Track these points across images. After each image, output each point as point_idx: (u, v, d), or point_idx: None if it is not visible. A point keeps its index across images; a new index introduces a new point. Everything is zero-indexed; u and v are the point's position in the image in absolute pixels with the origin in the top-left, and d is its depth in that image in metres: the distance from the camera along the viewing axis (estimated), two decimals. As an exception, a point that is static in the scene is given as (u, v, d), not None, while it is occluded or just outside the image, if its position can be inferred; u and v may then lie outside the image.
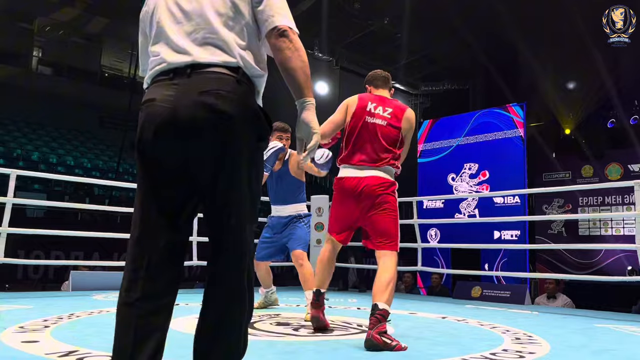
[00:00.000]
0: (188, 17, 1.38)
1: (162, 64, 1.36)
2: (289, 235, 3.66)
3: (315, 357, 2.16)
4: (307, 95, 1.45)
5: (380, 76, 2.93)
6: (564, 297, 5.88)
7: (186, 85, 1.30)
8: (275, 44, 1.39)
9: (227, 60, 1.33)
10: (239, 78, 1.33)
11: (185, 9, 1.39)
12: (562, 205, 9.45)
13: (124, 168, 13.19)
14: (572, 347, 2.60)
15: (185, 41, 1.35)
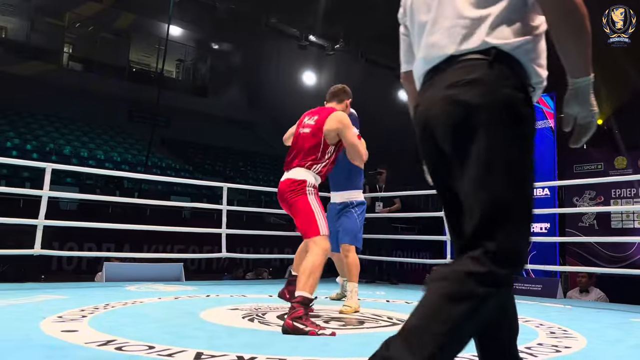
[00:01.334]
0: (435, 6, 1.30)
1: (423, 66, 1.33)
2: (339, 225, 3.60)
3: (348, 349, 2.17)
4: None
5: (330, 91, 3.34)
6: (598, 291, 5.76)
7: (437, 83, 1.25)
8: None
9: (476, 45, 1.21)
10: (491, 60, 1.19)
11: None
12: (594, 197, 9.23)
13: (152, 161, 13.39)
14: (608, 342, 2.55)
15: (436, 34, 1.28)
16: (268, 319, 2.91)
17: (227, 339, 2.32)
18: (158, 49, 16.69)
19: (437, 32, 1.28)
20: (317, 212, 2.87)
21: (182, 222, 9.75)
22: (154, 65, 17.65)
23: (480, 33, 1.22)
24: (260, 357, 1.92)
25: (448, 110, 1.19)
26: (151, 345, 2.05)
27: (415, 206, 15.72)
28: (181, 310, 3.19)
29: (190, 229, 6.78)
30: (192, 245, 8.94)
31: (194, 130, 16.90)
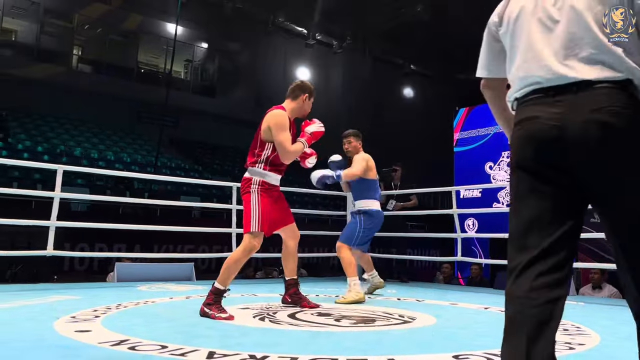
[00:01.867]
0: (563, 29, 1.33)
1: (538, 83, 1.33)
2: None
3: (359, 347, 2.17)
4: None
5: (288, 88, 3.40)
6: (610, 287, 5.71)
7: (573, 103, 1.26)
8: None
9: (616, 75, 1.26)
10: (630, 92, 1.25)
11: (556, 17, 1.34)
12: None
13: (161, 162, 13.45)
14: (622, 338, 2.53)
15: (563, 57, 1.31)
16: (279, 318, 2.91)
17: (239, 338, 2.33)
18: (166, 50, 16.75)
19: (570, 56, 1.31)
20: (254, 209, 3.07)
21: (192, 222, 9.81)
22: (162, 66, 17.72)
23: (618, 63, 1.27)
24: (272, 356, 1.92)
25: (596, 132, 1.23)
26: (164, 345, 2.07)
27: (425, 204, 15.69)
28: (193, 310, 3.20)
29: (200, 228, 6.82)
30: (202, 245, 8.98)
31: (203, 130, 16.96)
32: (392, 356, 1.96)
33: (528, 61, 1.36)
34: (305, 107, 3.34)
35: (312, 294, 4.26)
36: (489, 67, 1.54)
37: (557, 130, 1.26)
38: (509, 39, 1.44)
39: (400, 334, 2.58)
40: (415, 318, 3.04)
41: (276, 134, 3.10)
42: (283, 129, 3.11)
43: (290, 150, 3.12)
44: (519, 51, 1.40)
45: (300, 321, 2.85)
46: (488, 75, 1.55)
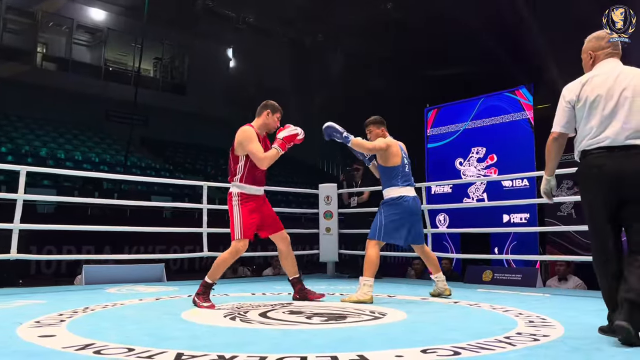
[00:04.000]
0: (625, 108, 2.28)
1: (606, 141, 2.28)
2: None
3: (329, 344, 2.17)
4: None
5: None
6: (576, 279, 5.86)
7: (625, 156, 2.25)
8: None
9: None
10: None
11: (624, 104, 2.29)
12: (572, 187, 9.37)
13: (131, 161, 13.23)
14: (585, 329, 2.59)
15: (622, 127, 2.25)
16: (250, 317, 2.90)
17: (208, 339, 2.31)
18: (134, 47, 16.46)
19: (627, 129, 2.26)
20: (237, 220, 3.47)
21: (163, 222, 9.66)
22: (130, 64, 17.42)
23: None
24: (242, 356, 1.91)
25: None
26: (131, 348, 2.03)
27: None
28: (162, 311, 3.16)
29: (171, 229, 6.73)
30: (174, 246, 8.87)
31: (174, 129, 16.75)
32: (362, 352, 1.97)
33: (603, 125, 2.31)
34: (269, 121, 3.61)
35: (284, 292, 4.26)
36: (566, 127, 2.48)
37: (619, 170, 2.25)
38: (586, 112, 2.36)
39: (371, 330, 2.60)
40: (386, 314, 3.06)
41: (246, 146, 3.43)
42: (250, 140, 3.43)
43: (263, 157, 3.42)
44: (595, 116, 2.34)
45: (272, 320, 2.84)
46: (563, 131, 2.49)
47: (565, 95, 2.44)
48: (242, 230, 3.43)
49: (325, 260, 6.39)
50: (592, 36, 2.54)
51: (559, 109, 2.47)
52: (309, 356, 1.91)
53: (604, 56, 2.46)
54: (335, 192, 6.36)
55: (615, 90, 2.30)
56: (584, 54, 2.54)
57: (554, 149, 2.55)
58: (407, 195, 3.79)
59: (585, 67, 2.53)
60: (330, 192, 6.35)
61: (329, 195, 6.33)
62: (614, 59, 2.47)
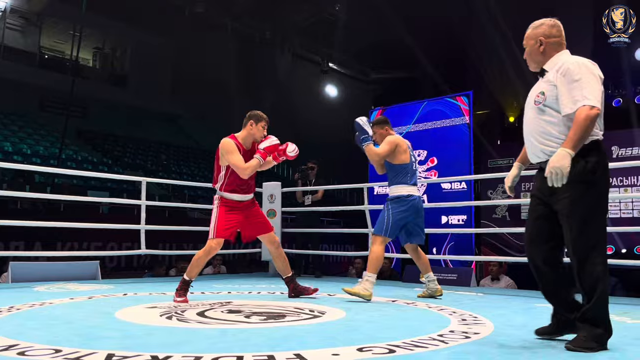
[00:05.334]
0: None
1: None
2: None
3: (267, 343, 2.16)
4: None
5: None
6: (507, 279, 6.12)
7: None
8: None
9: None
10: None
11: None
12: (506, 190, 9.80)
13: (67, 154, 12.67)
14: (514, 327, 2.72)
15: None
16: (187, 317, 2.84)
17: (142, 338, 2.25)
18: (73, 35, 15.77)
19: None
20: (213, 220, 3.63)
21: (100, 218, 9.32)
22: (68, 52, 16.66)
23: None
24: (176, 356, 1.87)
25: None
26: (58, 349, 1.95)
27: (341, 200, 15.96)
28: (94, 311, 3.05)
29: (108, 225, 6.49)
30: (111, 243, 8.57)
31: (113, 122, 16.18)
32: (299, 351, 1.98)
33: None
34: (254, 132, 3.71)
35: (223, 291, 4.20)
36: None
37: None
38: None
39: (309, 328, 2.61)
40: (325, 312, 3.09)
41: (227, 158, 3.59)
42: (230, 152, 3.58)
43: (243, 167, 3.57)
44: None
45: (209, 319, 2.79)
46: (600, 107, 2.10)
47: (595, 70, 2.17)
48: (216, 230, 3.58)
49: (267, 259, 6.36)
50: (542, 22, 2.33)
51: (594, 82, 2.13)
52: (246, 356, 1.90)
53: (557, 46, 2.29)
54: (280, 190, 6.34)
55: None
56: (530, 40, 2.33)
57: (592, 128, 2.10)
58: (415, 194, 3.82)
59: (531, 55, 2.34)
60: (274, 190, 6.33)
61: (272, 193, 6.31)
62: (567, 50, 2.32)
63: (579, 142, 2.07)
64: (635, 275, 6.60)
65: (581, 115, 2.06)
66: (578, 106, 2.09)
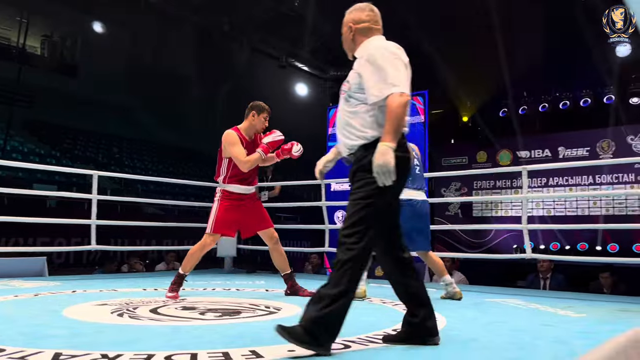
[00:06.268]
0: None
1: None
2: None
3: (222, 340, 2.14)
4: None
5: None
6: (459, 274, 6.27)
7: None
8: None
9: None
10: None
11: None
12: (459, 188, 10.06)
13: (12, 146, 12.14)
14: (465, 321, 2.79)
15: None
16: (139, 313, 2.78)
17: (91, 336, 2.18)
18: (20, 22, 15.07)
19: None
20: (212, 215, 3.62)
21: (47, 212, 8.97)
22: (14, 39, 15.92)
23: None
24: (127, 354, 1.83)
25: None
26: (1, 349, 1.86)
27: (297, 196, 15.94)
28: (41, 309, 2.93)
29: (55, 219, 6.25)
30: (59, 238, 8.26)
31: (63, 113, 15.58)
32: (254, 348, 1.97)
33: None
34: (255, 123, 3.72)
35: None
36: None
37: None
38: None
39: (265, 325, 2.59)
40: (280, 309, 3.08)
41: (229, 150, 3.61)
42: (232, 144, 3.60)
43: (244, 160, 3.57)
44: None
45: (163, 316, 2.74)
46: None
47: (401, 56, 2.06)
48: (213, 226, 3.58)
49: (223, 255, 6.30)
50: (354, 7, 2.23)
51: (399, 68, 2.01)
52: (200, 353, 1.87)
53: (367, 31, 2.17)
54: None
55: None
56: (344, 27, 2.22)
57: (405, 115, 1.99)
58: (417, 198, 3.69)
59: (345, 42, 2.25)
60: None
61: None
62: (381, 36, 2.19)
63: (397, 133, 1.93)
64: (578, 270, 6.92)
65: (393, 103, 1.93)
66: (385, 94, 1.95)
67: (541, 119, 9.80)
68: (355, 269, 1.93)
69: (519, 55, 8.92)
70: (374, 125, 2.02)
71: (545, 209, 9.22)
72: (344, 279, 1.90)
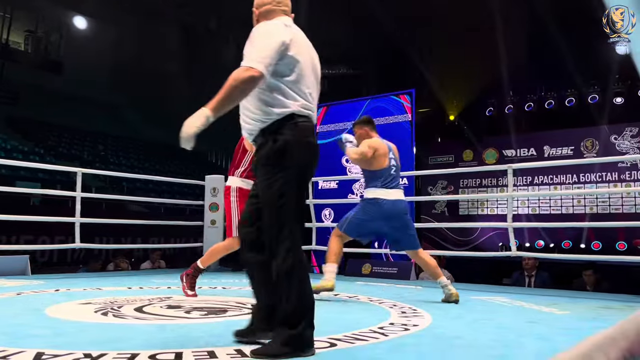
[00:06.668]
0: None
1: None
2: None
3: (207, 339, 2.13)
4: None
5: None
6: (446, 272, 6.30)
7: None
8: None
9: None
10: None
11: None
12: (445, 186, 10.11)
13: (-6, 143, 11.96)
14: (450, 318, 2.81)
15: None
16: (124, 312, 2.75)
17: (74, 336, 2.15)
18: (3, 17, 14.85)
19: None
20: (234, 217, 3.51)
21: (31, 210, 8.85)
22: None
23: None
24: (111, 354, 1.80)
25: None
26: (-19, 348, 1.83)
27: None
28: (23, 308, 2.89)
29: (39, 217, 6.18)
30: (43, 236, 8.17)
31: (47, 110, 15.38)
32: (239, 347, 1.96)
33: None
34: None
35: (162, 286, 4.10)
36: (270, 69, 1.92)
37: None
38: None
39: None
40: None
41: (248, 145, 3.49)
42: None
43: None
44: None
45: (148, 315, 2.72)
46: (265, 72, 1.89)
47: (273, 32, 1.94)
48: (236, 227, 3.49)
49: (209, 253, 6.26)
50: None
51: (267, 43, 1.90)
52: (185, 352, 1.86)
53: (268, 13, 2.10)
54: (223, 184, 6.25)
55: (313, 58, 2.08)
56: (254, 9, 2.17)
57: (247, 92, 1.87)
58: (384, 198, 3.55)
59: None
60: (217, 183, 6.23)
61: (215, 187, 6.21)
62: (289, 17, 2.13)
63: (221, 103, 1.81)
64: (562, 268, 6.99)
65: (233, 74, 1.84)
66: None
67: (527, 118, 9.89)
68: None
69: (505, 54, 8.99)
70: (267, 106, 1.93)
71: (530, 207, 9.31)
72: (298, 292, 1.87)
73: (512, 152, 9.61)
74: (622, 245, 8.14)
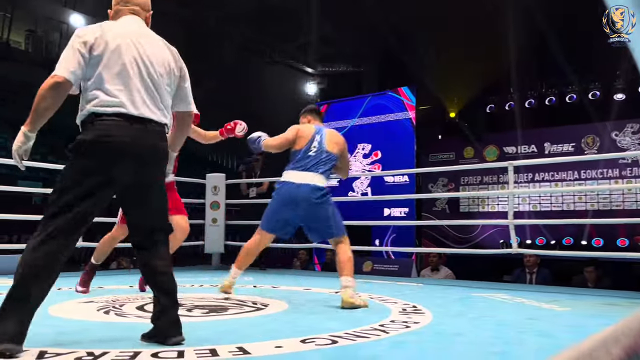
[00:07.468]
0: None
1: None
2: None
3: (209, 337, 2.14)
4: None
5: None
6: (446, 269, 6.32)
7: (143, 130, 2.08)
8: None
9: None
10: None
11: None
12: (446, 184, 10.10)
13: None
14: (451, 316, 2.81)
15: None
16: (126, 311, 2.76)
17: (77, 334, 2.17)
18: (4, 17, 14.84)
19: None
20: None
21: (33, 209, 8.87)
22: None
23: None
24: (113, 352, 1.81)
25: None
26: (-16, 347, 1.84)
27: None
28: (26, 307, 2.90)
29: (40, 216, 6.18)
30: (45, 235, 8.17)
31: (48, 109, 15.35)
32: (242, 344, 1.96)
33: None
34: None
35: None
36: (75, 74, 2.05)
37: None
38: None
39: (252, 321, 2.60)
40: (268, 305, 3.08)
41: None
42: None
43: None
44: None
45: (150, 313, 2.72)
46: (71, 78, 2.07)
47: (81, 36, 1.99)
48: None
49: (210, 252, 6.28)
50: None
51: (67, 50, 2.00)
52: (187, 350, 1.87)
53: (116, 14, 2.19)
54: (224, 182, 6.26)
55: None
56: (109, 11, 2.26)
57: (55, 98, 2.02)
58: (289, 181, 3.18)
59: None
60: (218, 182, 6.24)
61: (216, 185, 6.22)
62: (135, 17, 2.18)
63: (33, 116, 1.98)
64: (564, 264, 7.00)
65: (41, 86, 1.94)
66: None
67: (527, 114, 9.87)
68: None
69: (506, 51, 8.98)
70: (82, 104, 2.09)
71: (531, 204, 9.30)
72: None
73: (512, 149, 9.60)
74: (624, 241, 8.14)
